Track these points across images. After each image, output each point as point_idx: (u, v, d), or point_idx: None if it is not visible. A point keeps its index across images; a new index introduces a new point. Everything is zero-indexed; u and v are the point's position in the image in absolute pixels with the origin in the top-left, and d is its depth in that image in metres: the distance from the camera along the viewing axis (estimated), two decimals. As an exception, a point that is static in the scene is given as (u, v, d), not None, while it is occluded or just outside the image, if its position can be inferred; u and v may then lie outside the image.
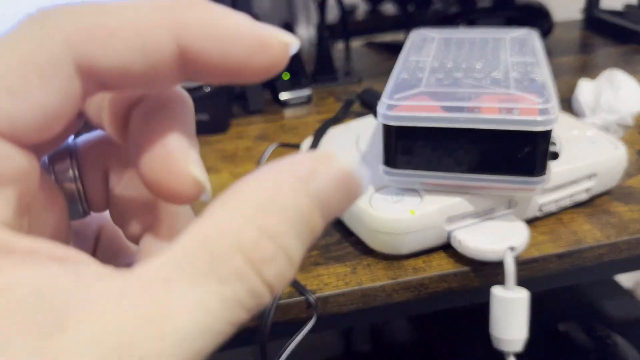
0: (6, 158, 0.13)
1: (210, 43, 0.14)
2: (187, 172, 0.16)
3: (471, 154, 0.41)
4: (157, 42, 0.14)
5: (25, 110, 0.13)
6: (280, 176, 0.14)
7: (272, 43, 0.15)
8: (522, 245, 0.42)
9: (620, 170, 0.49)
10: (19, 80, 0.13)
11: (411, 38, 0.55)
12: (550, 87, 0.42)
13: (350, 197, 0.15)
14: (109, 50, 0.14)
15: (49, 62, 0.14)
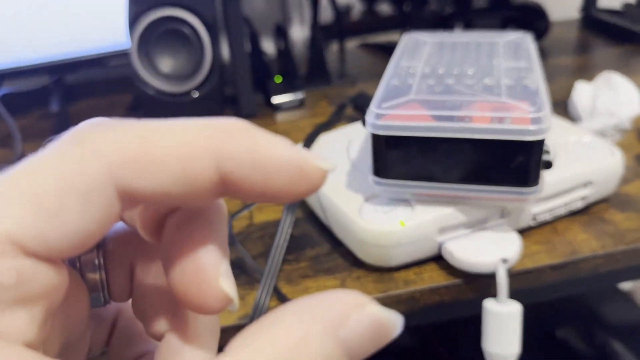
0: (35, 277, 0.13)
1: (252, 172, 0.15)
2: (217, 287, 0.16)
3: (462, 163, 0.40)
4: (199, 170, 0.14)
5: (61, 233, 0.13)
6: (309, 319, 0.14)
7: (312, 171, 0.15)
8: (514, 257, 0.41)
9: (617, 178, 0.48)
10: (57, 204, 0.13)
11: (403, 42, 0.54)
12: (544, 94, 0.40)
13: (381, 342, 0.15)
14: (151, 178, 0.14)
15: (90, 187, 0.14)
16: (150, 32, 0.62)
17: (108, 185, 0.14)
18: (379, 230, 0.41)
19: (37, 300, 0.14)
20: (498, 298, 0.40)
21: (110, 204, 0.14)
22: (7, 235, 0.13)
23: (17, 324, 0.13)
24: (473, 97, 0.41)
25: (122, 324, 0.21)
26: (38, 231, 0.13)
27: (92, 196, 0.14)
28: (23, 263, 0.13)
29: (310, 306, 0.14)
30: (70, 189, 0.13)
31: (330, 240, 0.47)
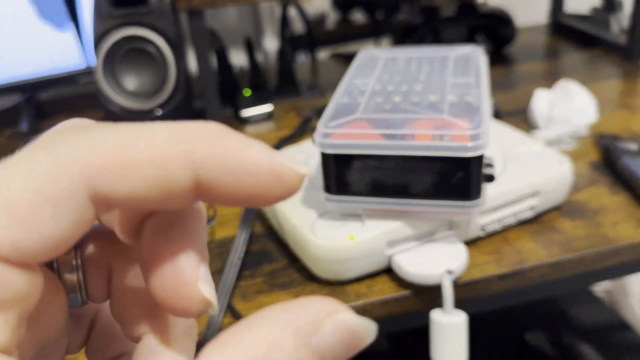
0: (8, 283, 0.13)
1: (226, 176, 0.15)
2: (196, 291, 0.16)
3: (408, 179, 0.41)
4: (173, 175, 0.14)
5: (33, 238, 0.13)
6: (281, 326, 0.14)
7: (288, 175, 0.15)
8: (460, 268, 0.42)
9: (566, 187, 0.49)
10: (29, 210, 0.13)
11: (359, 58, 0.55)
12: (485, 110, 0.42)
13: (354, 349, 0.15)
14: (124, 183, 0.14)
15: (63, 193, 0.14)
16: (115, 51, 0.63)
17: (81, 190, 0.14)
18: (330, 245, 0.42)
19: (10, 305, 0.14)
20: (444, 308, 0.41)
21: (83, 209, 0.14)
22: None
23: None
24: (417, 114, 0.42)
25: (101, 324, 0.21)
26: (10, 237, 0.13)
27: (64, 202, 0.14)
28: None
29: (284, 312, 0.14)
30: (43, 195, 0.14)
31: (287, 256, 0.48)
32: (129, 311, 0.19)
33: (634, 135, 0.62)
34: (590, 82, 0.77)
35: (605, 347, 0.78)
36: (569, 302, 0.86)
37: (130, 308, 0.19)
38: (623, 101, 0.72)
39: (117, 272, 0.19)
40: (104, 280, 0.19)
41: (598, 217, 0.49)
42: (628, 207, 0.50)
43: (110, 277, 0.19)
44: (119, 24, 0.63)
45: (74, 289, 0.18)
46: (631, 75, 0.79)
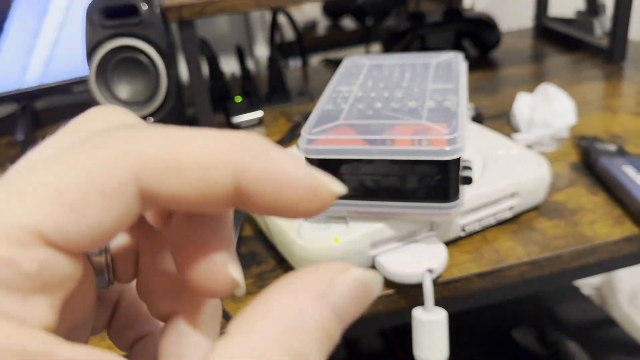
0: (57, 268, 0.14)
1: (267, 187, 0.15)
2: (226, 272, 0.17)
3: (389, 182, 0.43)
4: (217, 180, 0.15)
5: (82, 228, 0.14)
6: (302, 292, 0.14)
7: (323, 192, 0.16)
8: (440, 267, 0.44)
9: (544, 188, 0.51)
10: (81, 200, 0.14)
11: (343, 66, 0.57)
12: (462, 115, 0.43)
13: (365, 302, 0.15)
14: (172, 183, 0.15)
15: (114, 186, 0.14)
16: (107, 61, 0.65)
17: (131, 185, 0.14)
18: (314, 247, 0.44)
19: (57, 288, 0.14)
20: (425, 306, 0.42)
21: (131, 204, 0.15)
22: (32, 227, 0.13)
23: (37, 310, 0.14)
24: (397, 120, 0.44)
25: (124, 306, 0.21)
26: (61, 226, 0.14)
27: (115, 195, 0.14)
28: (45, 254, 0.14)
29: (301, 279, 0.15)
30: (95, 187, 0.14)
31: (276, 257, 0.49)
32: (156, 291, 0.19)
33: (614, 136, 0.64)
34: (573, 84, 0.79)
35: (591, 343, 0.79)
36: (555, 299, 0.88)
37: (157, 288, 0.19)
38: (604, 103, 0.74)
39: (145, 253, 0.19)
40: (131, 261, 0.19)
41: (576, 216, 0.51)
42: (605, 207, 0.52)
43: (138, 258, 0.19)
44: (111, 34, 0.64)
45: (101, 270, 0.19)
46: (613, 78, 0.81)
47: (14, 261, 0.13)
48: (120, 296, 0.21)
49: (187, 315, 0.19)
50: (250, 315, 0.14)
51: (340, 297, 0.15)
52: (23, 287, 0.13)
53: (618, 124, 0.67)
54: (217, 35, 1.00)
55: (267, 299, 0.14)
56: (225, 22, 1.03)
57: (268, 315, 0.14)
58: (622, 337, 0.85)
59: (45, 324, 0.14)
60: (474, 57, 0.94)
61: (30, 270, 0.13)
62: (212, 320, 0.19)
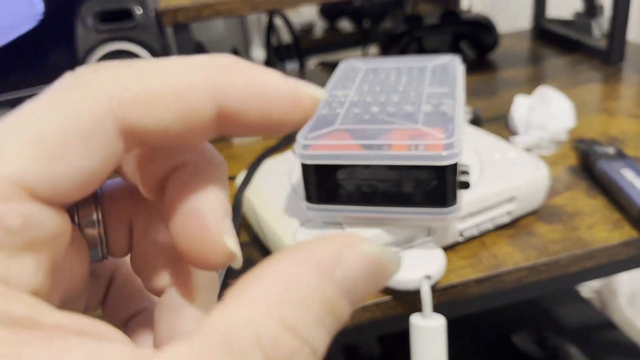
0: (43, 223, 0.13)
1: (249, 104, 0.15)
2: (222, 243, 0.16)
3: (386, 188, 0.42)
4: (197, 104, 0.15)
5: (65, 174, 0.13)
6: (304, 262, 0.14)
7: (305, 99, 0.16)
8: (438, 273, 0.43)
9: (542, 192, 0.51)
10: (60, 145, 0.13)
11: (339, 70, 0.57)
12: (459, 119, 0.43)
13: (378, 281, 0.15)
14: (151, 114, 0.14)
15: (92, 127, 0.14)
16: (102, 66, 0.64)
17: (109, 123, 0.14)
18: (311, 253, 0.43)
19: (43, 246, 0.14)
20: (423, 313, 0.42)
21: (112, 142, 0.14)
22: (14, 178, 0.13)
23: (23, 270, 0.13)
24: (393, 125, 0.43)
25: (119, 282, 0.21)
26: (44, 174, 0.13)
27: (94, 135, 0.14)
28: (30, 207, 0.13)
29: (303, 249, 0.14)
30: (73, 130, 0.13)
31: (271, 263, 0.49)
32: (151, 264, 0.19)
33: (612, 139, 0.64)
34: (572, 86, 0.79)
35: (591, 347, 0.79)
36: (555, 303, 0.87)
37: (152, 261, 0.19)
38: (603, 105, 0.73)
39: (139, 226, 0.19)
40: (125, 234, 0.19)
41: (574, 220, 0.51)
42: (604, 211, 0.52)
43: (132, 231, 0.19)
44: (105, 38, 0.64)
45: (94, 243, 0.18)
46: (611, 79, 0.81)
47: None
48: (114, 272, 0.21)
49: (182, 288, 0.18)
50: (248, 282, 0.13)
51: (347, 272, 0.14)
52: (7, 244, 0.13)
53: (616, 127, 0.67)
54: (213, 38, 0.99)
55: (265, 269, 0.14)
56: (222, 25, 1.02)
57: (263, 284, 0.13)
58: (622, 340, 0.84)
59: (32, 286, 0.13)
60: (471, 59, 0.94)
61: (15, 225, 0.13)
62: (208, 293, 0.19)
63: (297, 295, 0.13)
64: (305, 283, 0.13)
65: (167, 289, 0.18)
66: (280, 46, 1.03)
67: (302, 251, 0.14)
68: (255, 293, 0.13)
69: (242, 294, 0.13)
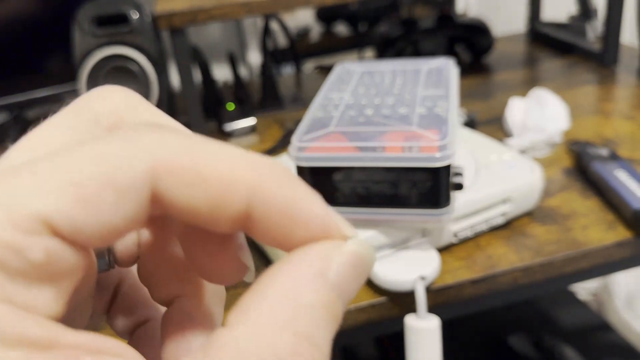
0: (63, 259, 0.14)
1: (279, 218, 0.15)
2: (236, 258, 0.16)
3: (380, 189, 0.43)
4: (233, 199, 0.14)
5: (92, 223, 0.14)
6: (300, 272, 0.14)
7: (334, 235, 0.15)
8: (433, 274, 0.43)
9: (536, 194, 0.51)
10: (94, 194, 0.13)
11: (335, 73, 0.57)
12: (452, 122, 0.43)
13: (363, 275, 0.15)
14: (187, 192, 0.14)
15: (129, 185, 0.14)
16: (98, 69, 0.65)
17: (146, 187, 0.14)
18: (306, 255, 0.43)
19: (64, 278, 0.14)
20: (418, 314, 0.42)
21: (143, 204, 0.14)
22: (40, 214, 0.13)
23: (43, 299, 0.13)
24: (388, 127, 0.43)
25: (124, 291, 0.21)
26: (72, 217, 0.13)
27: (129, 195, 0.14)
28: (52, 244, 0.13)
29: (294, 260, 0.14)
30: (110, 183, 0.14)
31: (268, 264, 0.49)
32: (159, 274, 0.19)
33: (606, 140, 0.64)
34: (566, 88, 0.79)
35: (588, 349, 0.79)
36: (551, 304, 0.88)
37: (159, 271, 0.19)
38: (597, 107, 0.74)
39: (147, 236, 0.19)
40: (133, 244, 0.19)
41: (569, 221, 0.51)
42: (598, 212, 0.52)
43: (140, 241, 0.19)
44: (102, 43, 0.64)
45: (102, 253, 0.18)
46: (605, 82, 0.81)
47: (20, 248, 0.13)
48: (120, 280, 0.21)
49: (190, 299, 0.18)
50: (249, 302, 0.14)
51: (338, 274, 0.14)
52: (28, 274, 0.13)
53: (611, 128, 0.67)
54: (209, 42, 1.00)
55: (265, 284, 0.14)
56: (218, 28, 1.03)
57: (267, 301, 0.13)
58: (618, 342, 0.84)
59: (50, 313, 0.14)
60: (467, 62, 0.94)
61: (37, 258, 0.13)
62: (215, 304, 0.19)
63: (302, 304, 0.13)
64: (307, 292, 0.14)
65: (176, 299, 0.18)
66: (276, 50, 1.04)
67: (296, 260, 0.14)
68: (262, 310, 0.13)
69: (248, 312, 0.13)
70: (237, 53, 1.04)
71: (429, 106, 0.46)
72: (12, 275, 0.13)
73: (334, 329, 0.14)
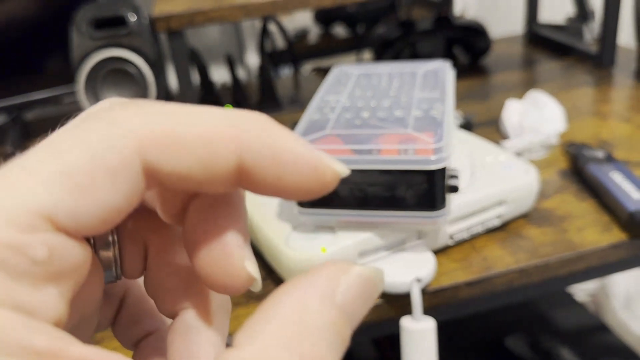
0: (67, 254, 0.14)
1: (269, 165, 0.15)
2: (242, 268, 0.16)
3: (376, 192, 0.43)
4: (221, 156, 0.15)
5: (91, 208, 0.14)
6: (306, 294, 0.14)
7: (326, 171, 0.16)
8: (428, 276, 0.44)
9: (532, 196, 0.51)
10: (88, 179, 0.14)
11: (331, 75, 0.57)
12: (448, 124, 0.44)
13: (371, 298, 0.15)
14: (176, 158, 0.15)
15: (119, 164, 0.14)
16: (96, 72, 0.65)
17: (136, 162, 0.14)
18: (302, 257, 0.44)
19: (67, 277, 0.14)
20: (413, 315, 0.42)
21: (137, 180, 0.14)
22: (40, 210, 0.13)
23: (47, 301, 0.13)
24: (383, 130, 0.44)
25: (130, 302, 0.21)
26: (70, 207, 0.13)
27: (121, 172, 0.14)
28: (55, 239, 0.13)
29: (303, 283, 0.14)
30: (101, 165, 0.14)
31: (264, 268, 0.49)
32: (165, 286, 0.19)
33: (603, 142, 0.64)
34: (564, 90, 0.80)
35: (585, 350, 0.79)
36: (549, 306, 0.88)
37: (166, 283, 0.19)
38: (594, 109, 0.74)
39: (154, 247, 0.19)
40: (140, 256, 0.19)
41: (564, 223, 0.51)
42: (594, 213, 0.52)
43: (147, 253, 0.19)
44: (100, 45, 0.64)
45: (109, 264, 0.18)
46: (602, 83, 0.82)
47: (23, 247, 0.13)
48: (126, 291, 0.21)
49: (196, 310, 0.18)
50: (256, 323, 0.14)
51: (346, 296, 0.14)
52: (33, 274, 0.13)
53: (607, 130, 0.67)
54: (207, 44, 1.00)
55: (272, 306, 0.14)
56: (216, 31, 1.03)
57: (274, 322, 0.13)
58: (616, 343, 0.85)
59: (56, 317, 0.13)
60: (464, 63, 0.94)
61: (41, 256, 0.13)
62: (222, 315, 0.19)
63: (309, 327, 0.13)
64: (313, 313, 0.14)
65: (182, 311, 0.18)
66: (274, 52, 1.04)
67: (303, 282, 0.14)
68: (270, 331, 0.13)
69: (255, 334, 0.13)
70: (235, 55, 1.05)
71: (424, 109, 0.46)
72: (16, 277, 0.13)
73: (342, 351, 0.14)
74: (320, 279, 0.14)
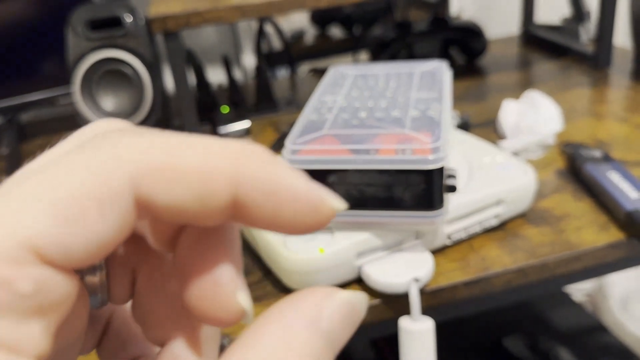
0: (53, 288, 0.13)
1: (266, 199, 0.15)
2: (235, 301, 0.16)
3: (373, 192, 0.43)
4: (216, 190, 0.14)
5: (79, 240, 0.13)
6: (289, 321, 0.14)
7: (324, 207, 0.15)
8: (426, 276, 0.43)
9: (529, 196, 0.51)
10: (77, 211, 0.13)
11: (328, 76, 0.57)
12: (445, 124, 0.44)
13: (354, 324, 0.15)
14: (169, 191, 0.14)
15: (110, 194, 0.14)
16: (92, 73, 0.65)
17: (127, 194, 0.14)
18: (300, 258, 0.44)
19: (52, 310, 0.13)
20: (411, 316, 0.42)
21: (128, 212, 0.14)
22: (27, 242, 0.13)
23: (31, 336, 0.13)
24: (380, 130, 0.44)
25: (116, 326, 0.20)
26: (58, 239, 0.13)
27: (112, 204, 0.14)
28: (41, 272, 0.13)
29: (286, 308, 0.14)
30: (91, 196, 0.13)
31: (262, 269, 0.49)
32: (153, 314, 0.18)
33: (600, 142, 0.64)
34: (560, 91, 0.80)
35: (583, 350, 0.79)
36: (547, 306, 0.88)
37: (154, 311, 0.18)
38: (590, 109, 0.74)
39: (143, 273, 0.18)
40: (128, 281, 0.19)
41: (562, 223, 0.51)
42: (591, 213, 0.52)
43: (135, 279, 0.19)
44: (95, 46, 0.64)
45: (95, 289, 0.18)
46: (599, 84, 0.82)
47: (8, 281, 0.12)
48: (112, 315, 0.20)
49: (185, 340, 0.18)
50: (241, 347, 0.14)
51: (329, 322, 0.14)
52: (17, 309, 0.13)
53: (604, 130, 0.68)
54: (203, 45, 1.00)
55: (256, 331, 0.14)
56: (212, 31, 1.03)
57: (258, 347, 0.14)
58: (614, 343, 0.85)
59: (39, 351, 0.13)
60: (461, 64, 0.94)
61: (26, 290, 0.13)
62: (211, 346, 0.19)
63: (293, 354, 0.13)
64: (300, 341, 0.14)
65: (171, 341, 0.18)
66: (271, 53, 1.04)
67: (289, 307, 0.14)
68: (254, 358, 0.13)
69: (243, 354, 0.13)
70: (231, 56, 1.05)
71: (422, 109, 0.46)
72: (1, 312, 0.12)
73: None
74: (305, 305, 0.14)
